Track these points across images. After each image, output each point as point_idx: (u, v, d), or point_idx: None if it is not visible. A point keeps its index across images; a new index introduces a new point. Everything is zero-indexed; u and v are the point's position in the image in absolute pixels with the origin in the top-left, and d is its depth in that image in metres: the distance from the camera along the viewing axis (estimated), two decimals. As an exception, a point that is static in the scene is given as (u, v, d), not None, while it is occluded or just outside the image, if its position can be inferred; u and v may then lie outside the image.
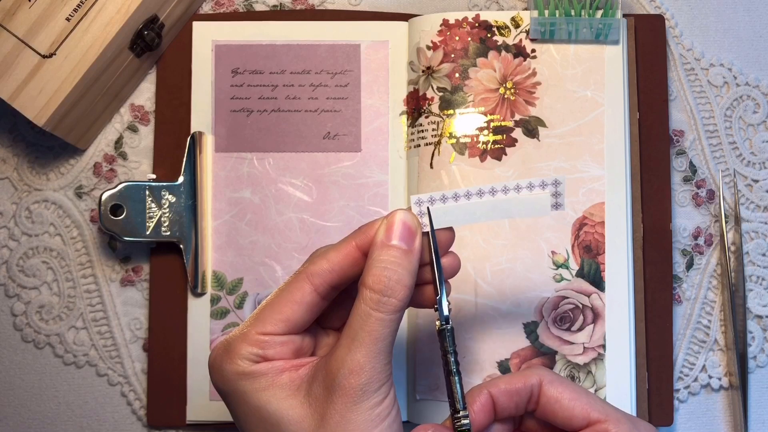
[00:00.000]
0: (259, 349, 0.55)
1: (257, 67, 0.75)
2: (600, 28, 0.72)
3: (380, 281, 0.53)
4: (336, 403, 0.52)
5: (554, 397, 0.56)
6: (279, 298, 0.56)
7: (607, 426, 0.55)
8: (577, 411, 0.56)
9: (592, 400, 0.56)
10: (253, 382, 0.54)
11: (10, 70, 0.69)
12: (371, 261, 0.54)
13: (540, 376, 0.57)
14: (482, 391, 0.57)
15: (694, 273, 0.75)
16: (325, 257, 0.56)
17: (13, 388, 0.76)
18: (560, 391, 0.56)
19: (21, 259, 0.76)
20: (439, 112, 0.73)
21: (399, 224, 0.55)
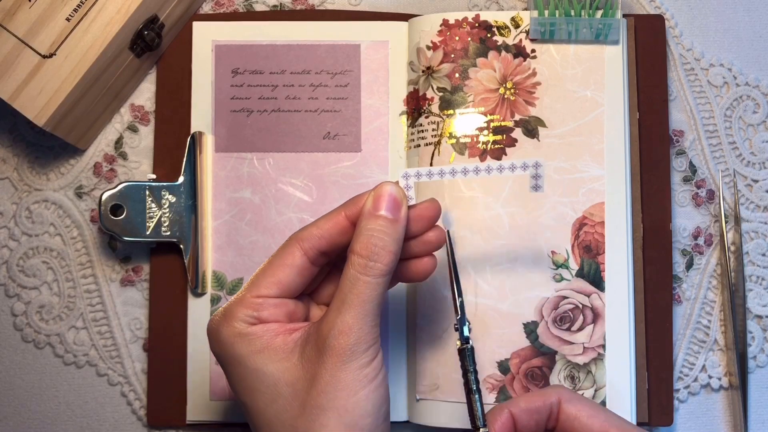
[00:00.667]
0: (254, 311, 0.58)
1: (257, 67, 0.75)
2: (600, 28, 0.72)
3: (367, 247, 0.56)
4: (326, 363, 0.55)
5: (573, 415, 0.59)
6: (271, 263, 0.59)
7: None
8: (596, 428, 0.58)
9: (611, 416, 0.59)
10: (249, 345, 0.57)
11: (10, 70, 0.69)
12: (359, 229, 0.57)
13: (559, 395, 0.60)
14: (503, 410, 0.60)
15: (694, 273, 0.75)
16: (315, 224, 0.59)
17: (13, 388, 0.76)
18: (579, 408, 0.59)
19: (21, 259, 0.76)
20: (439, 112, 0.73)
21: (386, 196, 0.58)
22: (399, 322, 0.73)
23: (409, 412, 0.72)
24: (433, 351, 0.71)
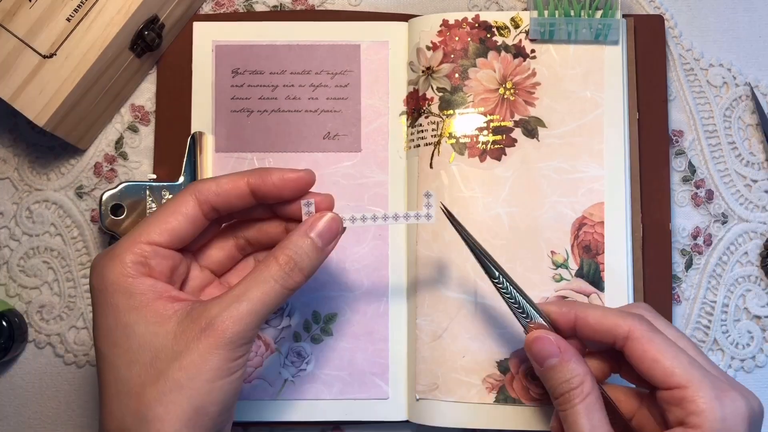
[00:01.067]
0: (144, 258, 0.57)
1: (257, 68, 0.75)
2: (599, 28, 0.72)
3: (289, 263, 0.57)
4: (201, 342, 0.54)
5: (637, 355, 0.58)
6: (164, 210, 0.59)
7: (686, 393, 0.56)
8: (657, 373, 0.57)
9: (677, 361, 0.57)
10: (128, 298, 0.56)
11: (10, 70, 0.69)
12: (290, 241, 0.58)
13: (630, 329, 0.58)
14: (571, 312, 0.62)
15: (693, 273, 0.75)
16: (215, 180, 0.60)
17: (13, 388, 0.76)
18: (644, 350, 0.58)
19: (22, 259, 0.76)
20: (439, 112, 0.73)
21: (326, 225, 0.59)
22: (399, 321, 0.73)
23: (409, 412, 0.72)
24: (433, 351, 0.71)
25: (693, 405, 0.55)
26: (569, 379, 0.59)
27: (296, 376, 0.73)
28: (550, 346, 0.60)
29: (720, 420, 0.54)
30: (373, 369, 0.73)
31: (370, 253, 0.74)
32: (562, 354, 0.60)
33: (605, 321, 0.60)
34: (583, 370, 0.59)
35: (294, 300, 0.73)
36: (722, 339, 0.75)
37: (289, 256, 0.57)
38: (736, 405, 0.55)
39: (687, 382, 0.56)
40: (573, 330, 0.62)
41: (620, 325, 0.59)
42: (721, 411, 0.55)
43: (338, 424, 0.74)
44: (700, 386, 0.55)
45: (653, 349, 0.57)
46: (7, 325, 0.73)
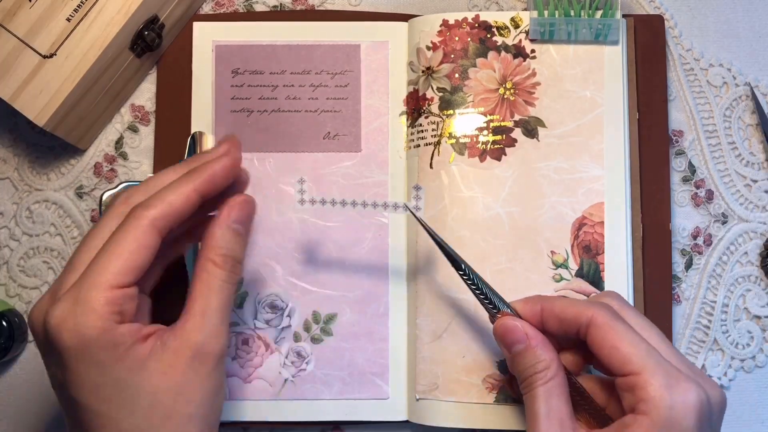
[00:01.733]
0: (117, 306, 0.53)
1: (257, 68, 0.76)
2: (599, 28, 0.72)
3: (228, 260, 0.56)
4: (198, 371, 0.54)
5: (597, 342, 0.58)
6: (123, 245, 0.54)
7: (638, 380, 0.56)
8: (615, 360, 0.57)
9: (634, 348, 0.57)
10: (113, 351, 0.53)
11: (10, 70, 0.69)
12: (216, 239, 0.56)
13: (592, 317, 0.59)
14: (537, 304, 0.62)
15: (693, 273, 0.75)
16: (164, 200, 0.55)
17: (13, 388, 0.76)
18: (604, 337, 0.58)
19: (22, 259, 0.76)
20: (439, 112, 0.73)
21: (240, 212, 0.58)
22: (399, 321, 0.73)
23: (409, 412, 0.72)
24: (433, 351, 0.71)
25: (643, 392, 0.55)
26: (534, 363, 0.60)
27: (296, 376, 0.73)
28: (518, 331, 0.61)
29: (667, 408, 0.55)
30: (373, 369, 0.73)
31: (370, 253, 0.74)
32: (529, 340, 0.61)
33: (569, 309, 0.60)
34: (549, 356, 0.60)
35: (294, 300, 0.73)
36: (722, 339, 0.75)
37: (224, 255, 0.56)
38: (686, 395, 0.55)
39: (641, 369, 0.56)
40: (540, 323, 0.62)
41: (583, 313, 0.59)
42: (669, 399, 0.55)
43: (338, 424, 0.74)
44: (652, 374, 0.56)
45: (612, 336, 0.58)
46: (7, 325, 0.73)
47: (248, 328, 0.73)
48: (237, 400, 0.73)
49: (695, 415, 0.55)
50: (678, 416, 0.54)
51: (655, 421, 0.55)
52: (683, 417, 0.55)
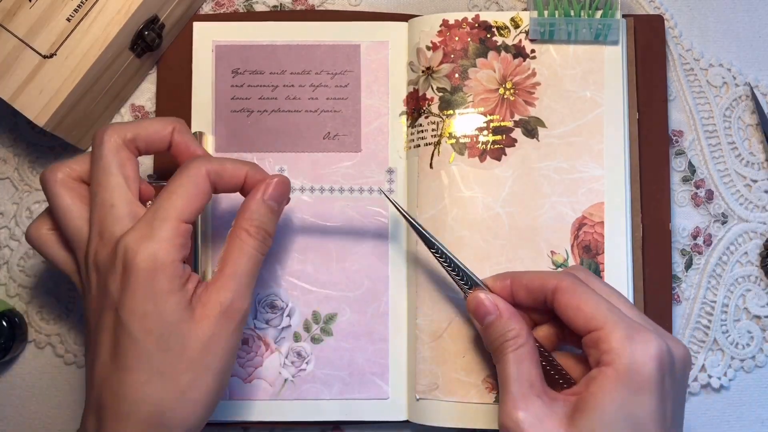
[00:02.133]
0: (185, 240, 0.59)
1: (257, 68, 0.76)
2: (599, 28, 0.72)
3: (261, 231, 0.62)
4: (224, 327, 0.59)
5: (562, 306, 0.61)
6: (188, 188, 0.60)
7: (601, 334, 0.58)
8: (579, 320, 0.60)
9: (596, 306, 0.60)
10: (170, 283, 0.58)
11: (10, 70, 0.69)
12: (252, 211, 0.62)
13: (558, 283, 0.62)
14: (506, 278, 0.65)
15: (693, 273, 0.75)
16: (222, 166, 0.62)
17: (13, 388, 0.76)
18: (568, 299, 0.61)
19: (22, 259, 0.76)
20: (439, 112, 0.73)
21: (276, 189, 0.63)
22: (399, 321, 0.73)
23: (409, 412, 0.72)
24: (433, 351, 0.71)
25: (605, 344, 0.57)
26: (505, 332, 0.62)
27: (296, 376, 0.73)
28: (488, 304, 0.64)
29: (629, 356, 0.56)
30: (373, 369, 0.73)
31: (370, 253, 0.74)
32: (499, 311, 0.63)
33: (536, 279, 0.63)
34: (518, 326, 0.62)
35: (294, 300, 0.73)
36: (722, 339, 0.75)
37: (257, 226, 0.62)
38: (647, 344, 0.57)
39: (603, 324, 0.58)
40: (511, 296, 0.65)
41: (549, 281, 0.62)
42: (630, 348, 0.57)
43: (338, 424, 0.74)
44: (614, 327, 0.58)
45: (577, 298, 0.60)
46: (7, 325, 0.73)
47: (248, 328, 0.73)
48: (237, 400, 0.73)
49: (656, 363, 0.56)
50: (639, 364, 0.56)
51: (618, 371, 0.56)
52: (644, 364, 0.56)
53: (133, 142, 0.62)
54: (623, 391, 0.56)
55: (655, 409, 0.56)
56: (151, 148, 0.64)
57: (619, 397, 0.56)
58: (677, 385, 0.59)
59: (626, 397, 0.56)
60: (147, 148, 0.64)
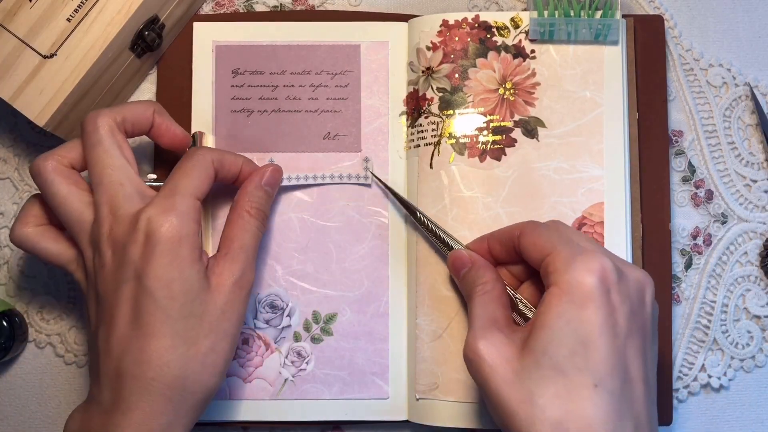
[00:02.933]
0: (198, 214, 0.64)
1: (258, 68, 0.76)
2: (599, 28, 0.72)
3: (260, 212, 0.68)
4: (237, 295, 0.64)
5: (524, 246, 0.64)
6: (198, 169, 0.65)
7: (549, 258, 0.60)
8: (535, 252, 0.62)
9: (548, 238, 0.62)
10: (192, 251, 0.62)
11: (10, 70, 0.69)
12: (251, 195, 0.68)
13: (521, 229, 0.65)
14: (483, 240, 0.69)
15: (693, 273, 0.75)
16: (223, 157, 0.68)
17: (13, 388, 0.76)
18: (527, 239, 0.64)
19: (22, 259, 0.76)
20: (439, 112, 0.73)
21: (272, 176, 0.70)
22: (399, 320, 0.73)
23: (409, 412, 0.72)
24: (434, 351, 0.71)
25: (552, 266, 0.59)
26: (476, 279, 0.65)
27: (296, 375, 0.73)
28: (464, 258, 0.68)
29: (570, 272, 0.58)
30: (373, 369, 0.73)
31: (370, 253, 0.74)
32: (473, 262, 0.67)
33: (505, 230, 0.67)
34: (491, 275, 0.66)
35: (294, 300, 0.73)
36: (722, 339, 0.75)
37: (257, 208, 0.67)
38: (588, 261, 0.58)
39: (551, 250, 0.60)
40: (489, 254, 0.68)
41: (515, 228, 0.66)
42: (572, 266, 0.58)
43: (338, 424, 0.74)
44: (560, 249, 0.60)
45: (535, 235, 0.63)
46: (8, 325, 0.73)
47: (248, 328, 0.73)
48: (237, 400, 0.73)
49: (597, 276, 0.57)
50: (579, 278, 0.57)
51: (562, 288, 0.58)
52: (584, 278, 0.57)
53: (122, 125, 0.66)
54: (566, 307, 0.57)
55: (603, 321, 0.56)
56: (137, 130, 0.68)
57: (565, 313, 0.57)
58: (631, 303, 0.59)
59: (571, 312, 0.57)
60: (133, 130, 0.68)
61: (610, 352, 0.56)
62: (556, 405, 0.56)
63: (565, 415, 0.55)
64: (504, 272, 0.68)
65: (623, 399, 0.56)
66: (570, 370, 0.56)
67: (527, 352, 0.58)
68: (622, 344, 0.57)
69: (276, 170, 0.70)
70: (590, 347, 0.56)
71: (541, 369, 0.57)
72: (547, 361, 0.56)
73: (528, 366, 0.57)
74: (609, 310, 0.57)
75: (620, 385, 0.56)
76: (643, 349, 0.59)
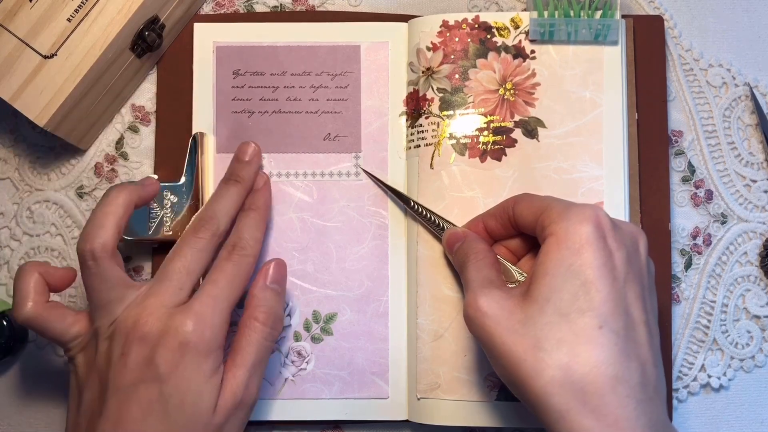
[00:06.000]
0: None
1: (258, 69, 0.76)
2: (599, 28, 0.72)
3: (270, 316, 0.65)
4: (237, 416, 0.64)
5: (518, 212, 0.65)
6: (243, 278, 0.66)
7: (544, 215, 0.61)
8: (530, 216, 0.63)
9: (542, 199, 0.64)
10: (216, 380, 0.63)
11: (11, 70, 0.69)
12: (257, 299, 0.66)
13: (515, 199, 0.66)
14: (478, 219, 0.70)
15: (693, 272, 0.75)
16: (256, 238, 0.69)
17: (13, 388, 0.76)
18: (521, 206, 0.65)
19: (22, 259, 0.76)
20: (439, 112, 0.73)
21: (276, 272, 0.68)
22: (399, 320, 0.73)
23: (410, 412, 0.72)
24: (435, 350, 0.71)
25: (547, 219, 0.60)
26: (468, 251, 0.66)
27: (296, 375, 0.73)
28: (458, 234, 0.69)
29: (566, 220, 0.59)
30: (373, 368, 0.73)
31: (370, 253, 0.74)
32: (465, 236, 0.68)
33: (499, 205, 0.68)
34: (483, 246, 0.67)
35: (294, 299, 0.73)
36: (721, 339, 0.75)
37: (266, 312, 0.65)
38: (582, 210, 0.59)
39: (545, 208, 0.61)
40: (485, 232, 0.69)
41: (508, 201, 0.67)
42: (566, 216, 0.59)
43: (338, 424, 0.74)
44: (554, 205, 0.61)
45: (528, 201, 0.64)
46: (8, 325, 0.73)
47: (248, 328, 0.73)
48: None
49: (592, 222, 0.58)
50: (575, 226, 0.58)
51: (558, 237, 0.59)
52: (580, 225, 0.58)
53: None
54: (565, 253, 0.58)
55: (601, 264, 0.57)
56: None
57: (564, 260, 0.58)
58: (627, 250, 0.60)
59: (569, 257, 0.58)
60: None
61: (611, 292, 0.57)
62: (562, 349, 0.56)
63: (573, 358, 0.56)
64: (501, 249, 0.68)
65: (628, 339, 0.57)
66: (574, 313, 0.57)
67: (529, 301, 0.58)
68: (622, 286, 0.58)
69: (279, 265, 0.68)
70: (591, 289, 0.57)
71: (546, 315, 0.57)
72: (550, 307, 0.57)
73: (532, 314, 0.58)
74: (606, 254, 0.58)
75: (623, 325, 0.57)
76: (642, 294, 0.59)
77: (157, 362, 0.60)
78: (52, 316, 0.64)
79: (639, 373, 0.57)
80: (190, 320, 0.61)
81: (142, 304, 0.62)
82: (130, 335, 0.61)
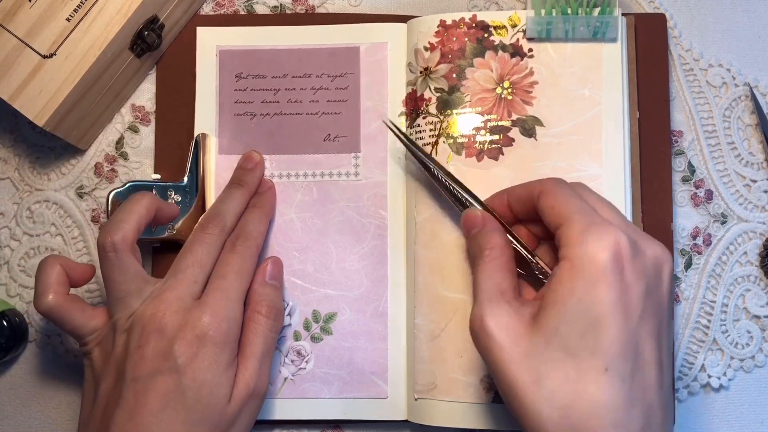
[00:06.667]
0: None
1: (260, 72, 0.76)
2: (597, 26, 0.72)
3: (272, 309, 0.67)
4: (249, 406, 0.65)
5: (542, 207, 0.62)
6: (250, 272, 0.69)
7: (563, 229, 0.58)
8: (552, 218, 0.60)
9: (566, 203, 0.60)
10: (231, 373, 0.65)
11: (10, 70, 0.69)
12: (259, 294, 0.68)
13: (541, 187, 0.62)
14: (503, 194, 0.67)
15: (693, 272, 0.75)
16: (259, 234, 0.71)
17: (13, 388, 0.76)
18: (546, 200, 0.61)
19: (22, 259, 0.77)
20: (437, 112, 0.73)
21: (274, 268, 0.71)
22: (398, 321, 0.73)
23: (408, 412, 0.72)
24: (432, 351, 0.71)
25: (565, 237, 0.57)
26: (482, 244, 0.63)
27: (296, 374, 0.73)
28: (476, 218, 0.66)
29: (582, 247, 0.56)
30: (372, 368, 0.73)
31: (369, 252, 0.74)
32: (484, 223, 0.65)
33: (525, 188, 0.64)
34: (499, 240, 0.63)
35: (294, 299, 0.73)
36: (721, 339, 0.74)
37: (267, 306, 0.67)
38: (601, 235, 0.56)
39: (566, 219, 0.58)
40: (508, 210, 0.67)
41: (535, 186, 0.63)
42: (584, 239, 0.56)
43: (337, 423, 0.74)
44: (575, 219, 0.58)
45: (553, 197, 0.61)
46: (8, 325, 0.73)
47: (247, 327, 0.73)
48: None
49: (610, 253, 0.55)
50: (591, 254, 0.55)
51: (573, 263, 0.56)
52: (596, 254, 0.55)
53: None
54: (578, 284, 0.55)
55: (614, 301, 0.54)
56: None
57: (576, 291, 0.55)
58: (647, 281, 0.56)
59: (581, 289, 0.55)
60: None
61: (622, 333, 0.54)
62: (564, 389, 0.54)
63: (573, 400, 0.54)
64: (522, 231, 0.67)
65: (634, 384, 0.54)
66: (581, 352, 0.54)
67: (537, 330, 0.56)
68: (635, 325, 0.55)
69: (276, 262, 0.71)
70: (601, 328, 0.54)
71: (551, 350, 0.55)
72: (557, 341, 0.55)
73: (538, 345, 0.56)
74: (622, 289, 0.55)
75: (631, 368, 0.54)
76: (657, 330, 0.57)
77: (175, 354, 0.61)
78: (73, 309, 0.65)
79: (642, 420, 0.55)
80: (206, 314, 0.63)
81: (159, 298, 0.63)
82: (147, 327, 0.62)
